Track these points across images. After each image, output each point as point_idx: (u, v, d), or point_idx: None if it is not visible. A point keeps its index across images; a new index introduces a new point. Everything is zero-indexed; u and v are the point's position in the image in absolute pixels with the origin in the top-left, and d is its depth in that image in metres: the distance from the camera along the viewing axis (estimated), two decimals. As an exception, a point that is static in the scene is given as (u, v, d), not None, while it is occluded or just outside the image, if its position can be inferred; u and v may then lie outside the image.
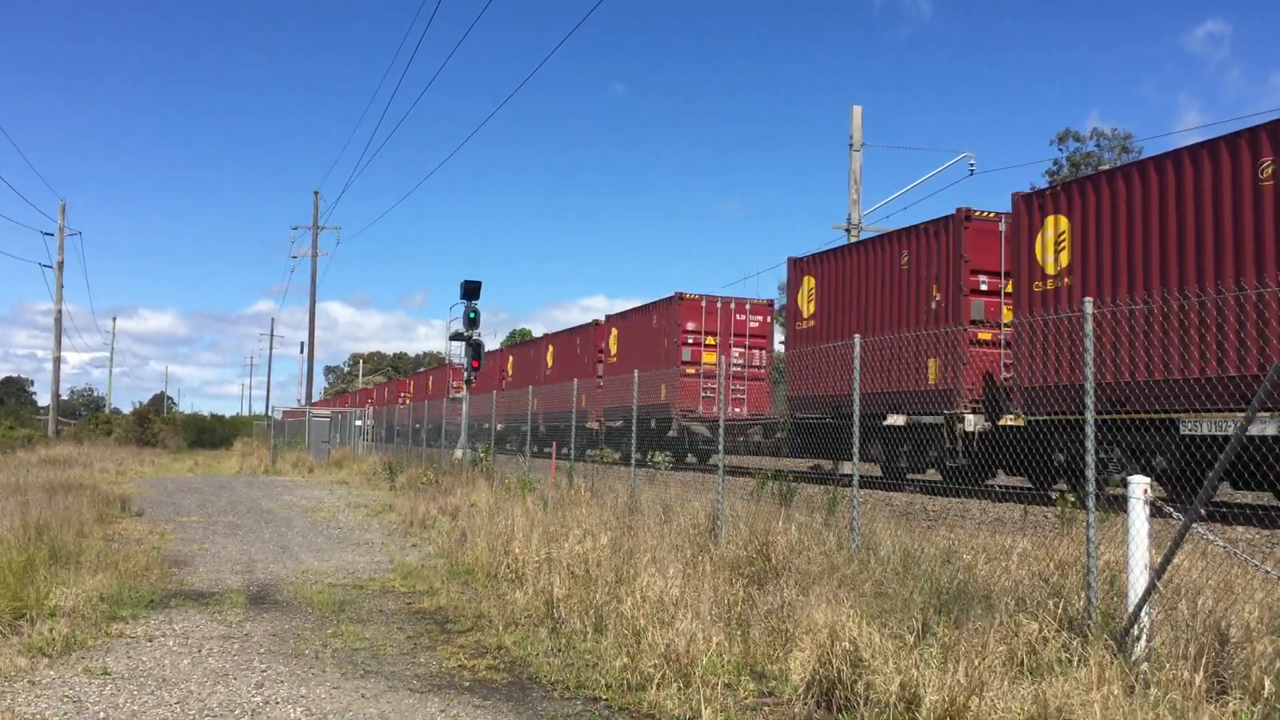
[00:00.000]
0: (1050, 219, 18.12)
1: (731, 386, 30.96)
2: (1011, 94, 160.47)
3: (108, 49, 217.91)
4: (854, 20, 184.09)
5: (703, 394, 31.29)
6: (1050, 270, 17.78)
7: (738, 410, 30.83)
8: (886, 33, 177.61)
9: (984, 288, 19.68)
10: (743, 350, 31.82)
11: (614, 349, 36.52)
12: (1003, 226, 19.60)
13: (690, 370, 31.27)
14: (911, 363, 20.56)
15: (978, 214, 20.22)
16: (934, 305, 20.25)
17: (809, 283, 24.82)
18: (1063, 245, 17.64)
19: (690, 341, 31.69)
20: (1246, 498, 17.19)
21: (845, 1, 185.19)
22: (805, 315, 24.79)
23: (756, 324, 32.55)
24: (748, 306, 32.62)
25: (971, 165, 36.68)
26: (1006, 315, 19.24)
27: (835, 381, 20.82)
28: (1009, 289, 19.19)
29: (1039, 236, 18.20)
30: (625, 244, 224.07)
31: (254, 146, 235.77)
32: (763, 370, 32.55)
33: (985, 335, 19.59)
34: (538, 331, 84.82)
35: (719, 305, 32.13)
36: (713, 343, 31.56)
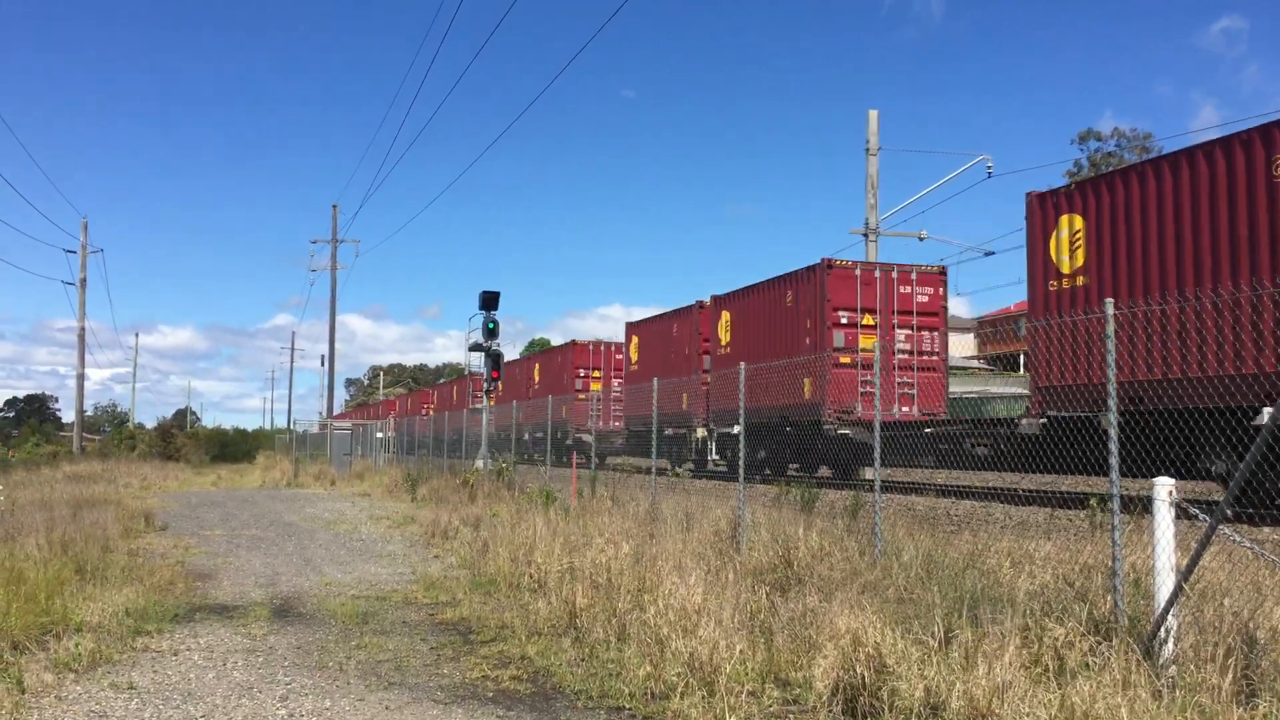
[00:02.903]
0: (1065, 218, 18.48)
1: (897, 378, 24.90)
2: (1027, 95, 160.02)
3: (128, 67, 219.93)
4: (865, 23, 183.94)
5: (861, 388, 24.38)
6: (1065, 269, 18.02)
7: (905, 410, 24.67)
8: (895, 34, 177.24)
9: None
10: (910, 332, 25.08)
11: (725, 338, 29.58)
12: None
13: (845, 359, 24.46)
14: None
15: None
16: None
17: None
18: (1078, 244, 17.85)
19: (844, 321, 24.79)
20: None
21: (856, 4, 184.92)
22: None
23: (927, 297, 25.61)
24: (914, 276, 25.64)
25: (989, 168, 36.61)
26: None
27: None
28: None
29: (1054, 235, 18.53)
30: (641, 252, 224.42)
31: (271, 160, 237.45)
32: (937, 357, 25.68)
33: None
34: (556, 341, 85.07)
35: (877, 275, 25.28)
36: (872, 323, 24.79)
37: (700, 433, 30.49)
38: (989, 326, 72.17)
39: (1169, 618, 6.24)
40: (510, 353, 64.30)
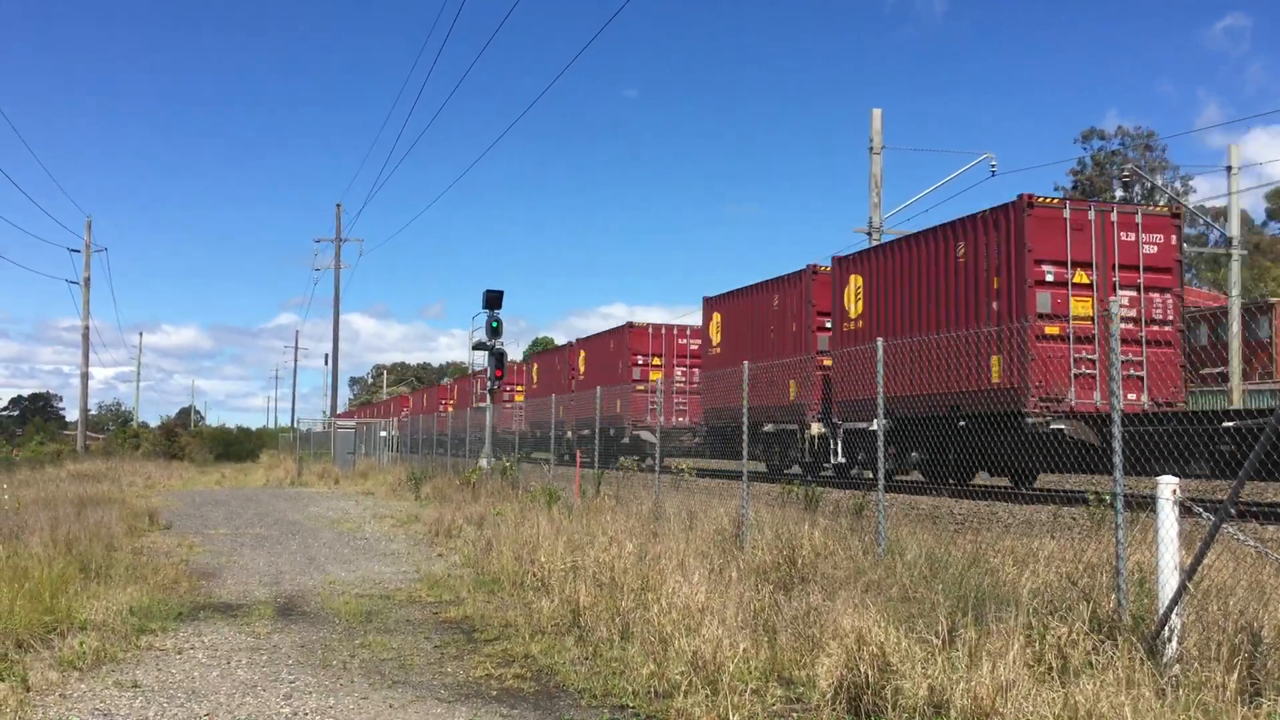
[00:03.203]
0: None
1: (1123, 356, 18.45)
2: (1029, 94, 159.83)
3: (131, 66, 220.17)
4: (866, 22, 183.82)
5: (1074, 369, 18.56)
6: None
7: (1131, 397, 18.60)
8: (897, 33, 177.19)
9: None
10: (1134, 293, 19.16)
11: (856, 309, 23.92)
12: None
13: (1052, 330, 18.59)
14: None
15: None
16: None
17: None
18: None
19: (1049, 279, 18.75)
20: (1277, 496, 17.00)
21: (857, 4, 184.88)
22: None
23: (1155, 248, 19.47)
24: (1138, 219, 19.52)
25: (993, 166, 36.54)
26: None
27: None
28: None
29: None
30: (644, 250, 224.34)
31: (274, 160, 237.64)
32: (1170, 327, 19.42)
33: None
34: (559, 340, 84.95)
35: (1091, 216, 19.24)
36: (1085, 280, 18.89)
37: (815, 429, 25.25)
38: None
39: (1173, 616, 6.23)
40: (513, 352, 64.20)
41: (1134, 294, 19.11)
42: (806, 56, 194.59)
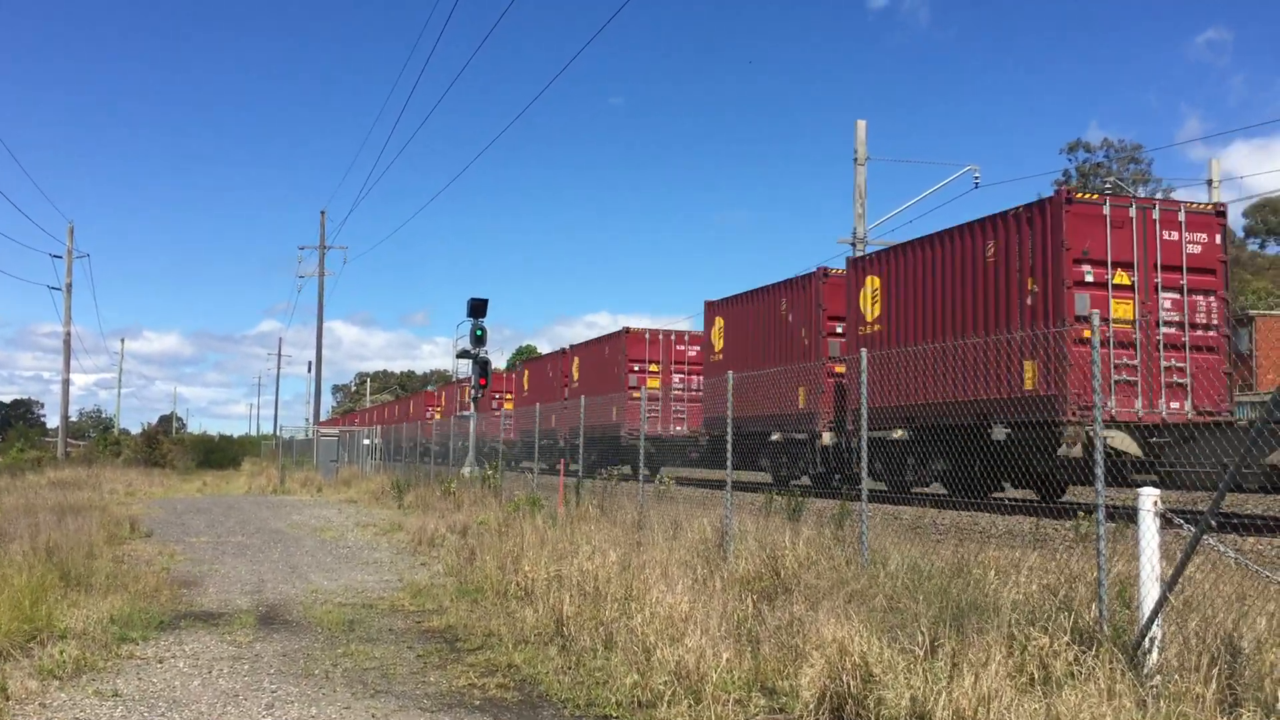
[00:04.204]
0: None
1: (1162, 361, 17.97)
2: (1014, 105, 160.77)
3: (114, 70, 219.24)
4: (852, 30, 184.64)
5: (1115, 375, 17.59)
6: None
7: (1174, 405, 17.85)
8: (882, 41, 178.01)
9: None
10: (1177, 296, 18.21)
11: (873, 312, 23.21)
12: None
13: (1090, 334, 13.91)
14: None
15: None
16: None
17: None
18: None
19: (1088, 280, 17.75)
20: (1256, 508, 17.12)
21: (844, 12, 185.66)
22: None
23: (1200, 247, 18.49)
24: (1181, 217, 18.48)
25: (976, 178, 36.78)
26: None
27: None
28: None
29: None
30: (630, 259, 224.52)
31: (258, 167, 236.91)
32: (1215, 332, 18.50)
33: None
34: (544, 348, 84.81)
35: (1133, 213, 18.24)
36: (1127, 281, 17.97)
37: (827, 438, 23.99)
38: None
39: (1153, 627, 6.27)
40: (497, 361, 64.06)
41: (1177, 296, 18.13)
42: (792, 65, 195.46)
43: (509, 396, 51.68)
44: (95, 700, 6.95)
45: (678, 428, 34.59)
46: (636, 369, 35.36)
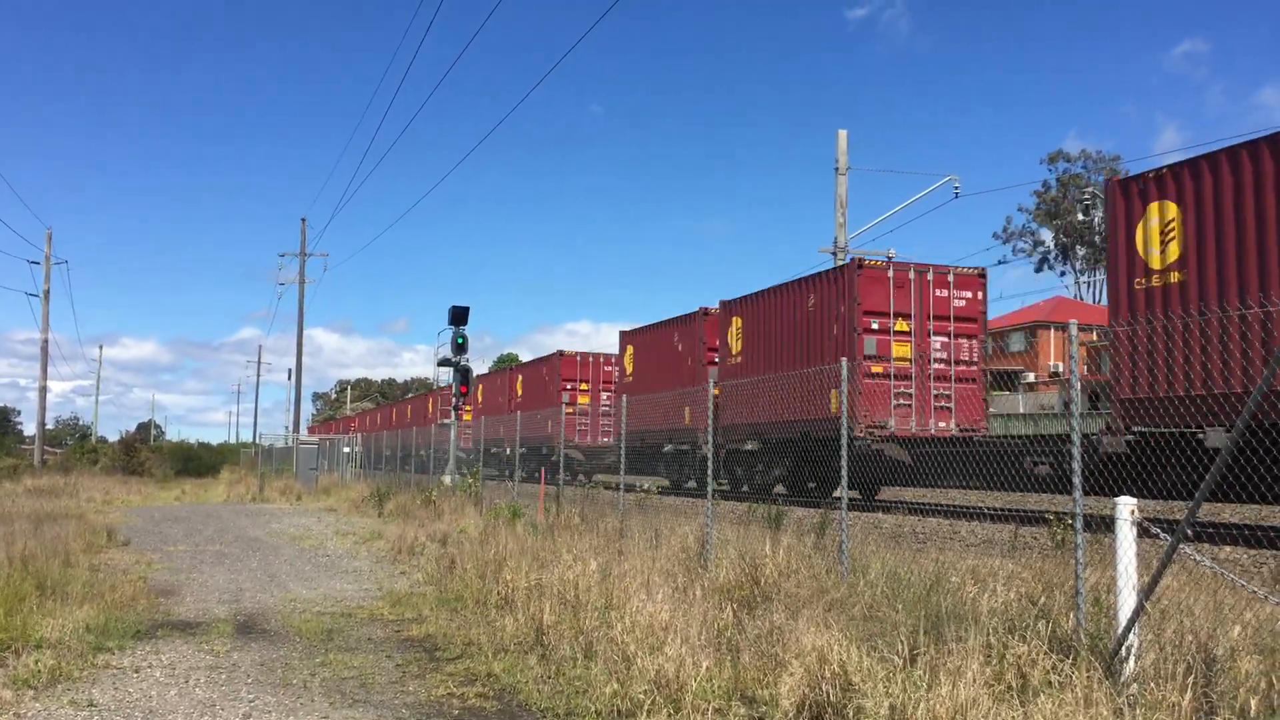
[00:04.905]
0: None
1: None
2: (994, 115, 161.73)
3: (94, 76, 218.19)
4: (832, 39, 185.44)
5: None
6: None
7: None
8: (864, 48, 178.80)
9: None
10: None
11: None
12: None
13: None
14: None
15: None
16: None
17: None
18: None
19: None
20: (1233, 517, 17.25)
21: (824, 21, 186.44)
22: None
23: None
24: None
25: (956, 188, 37.00)
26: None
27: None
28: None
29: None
30: (610, 268, 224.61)
31: (238, 173, 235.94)
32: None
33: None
34: (525, 356, 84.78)
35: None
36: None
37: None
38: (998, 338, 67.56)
39: (1130, 636, 6.31)
40: (478, 369, 63.91)
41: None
42: (773, 74, 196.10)
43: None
44: (71, 710, 6.90)
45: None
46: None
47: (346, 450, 43.24)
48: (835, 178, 34.01)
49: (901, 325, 22.55)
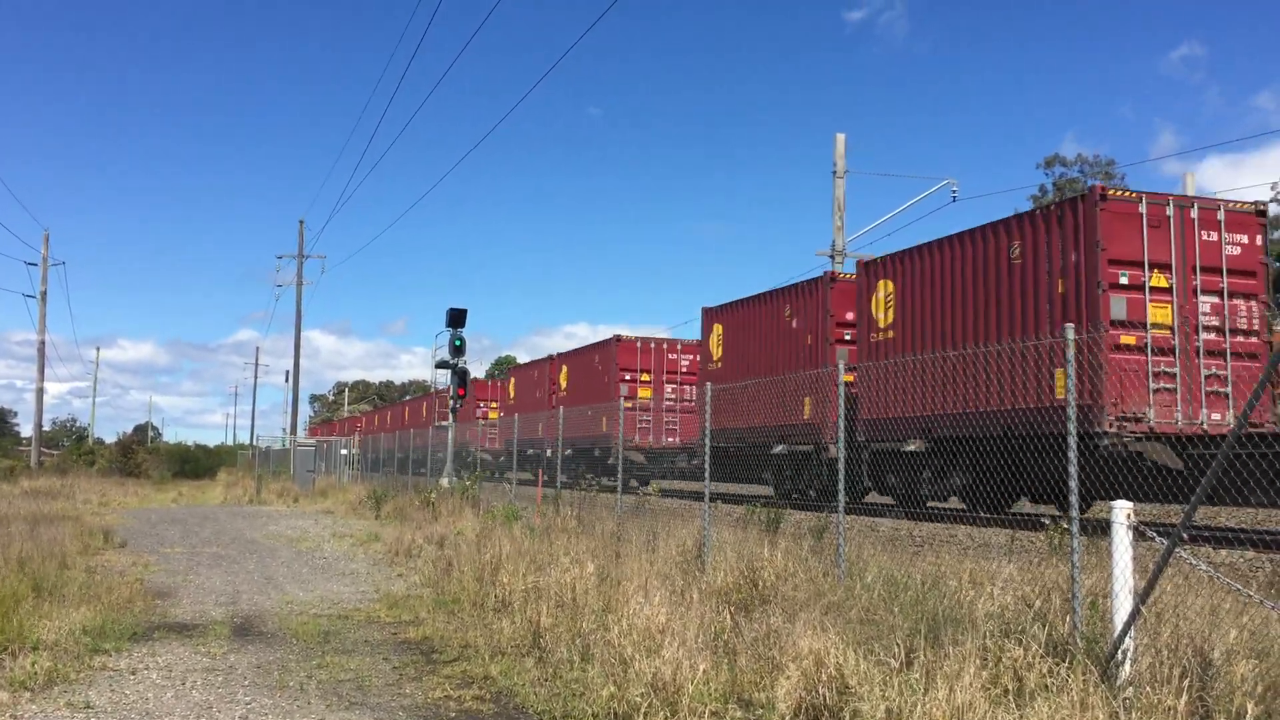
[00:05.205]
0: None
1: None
2: (991, 118, 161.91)
3: (91, 77, 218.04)
4: (830, 41, 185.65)
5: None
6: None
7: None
8: (862, 51, 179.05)
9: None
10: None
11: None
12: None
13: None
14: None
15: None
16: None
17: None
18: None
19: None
20: (1230, 521, 17.26)
21: (822, 24, 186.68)
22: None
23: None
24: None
25: (954, 192, 36.96)
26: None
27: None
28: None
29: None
30: (608, 270, 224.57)
31: (236, 175, 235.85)
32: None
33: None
34: (522, 358, 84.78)
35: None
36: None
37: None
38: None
39: (1126, 639, 6.32)
40: (475, 371, 63.82)
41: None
42: (771, 75, 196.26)
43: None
44: (67, 712, 6.89)
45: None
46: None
47: (344, 452, 43.26)
48: (833, 181, 34.05)
49: (1159, 280, 16.46)
